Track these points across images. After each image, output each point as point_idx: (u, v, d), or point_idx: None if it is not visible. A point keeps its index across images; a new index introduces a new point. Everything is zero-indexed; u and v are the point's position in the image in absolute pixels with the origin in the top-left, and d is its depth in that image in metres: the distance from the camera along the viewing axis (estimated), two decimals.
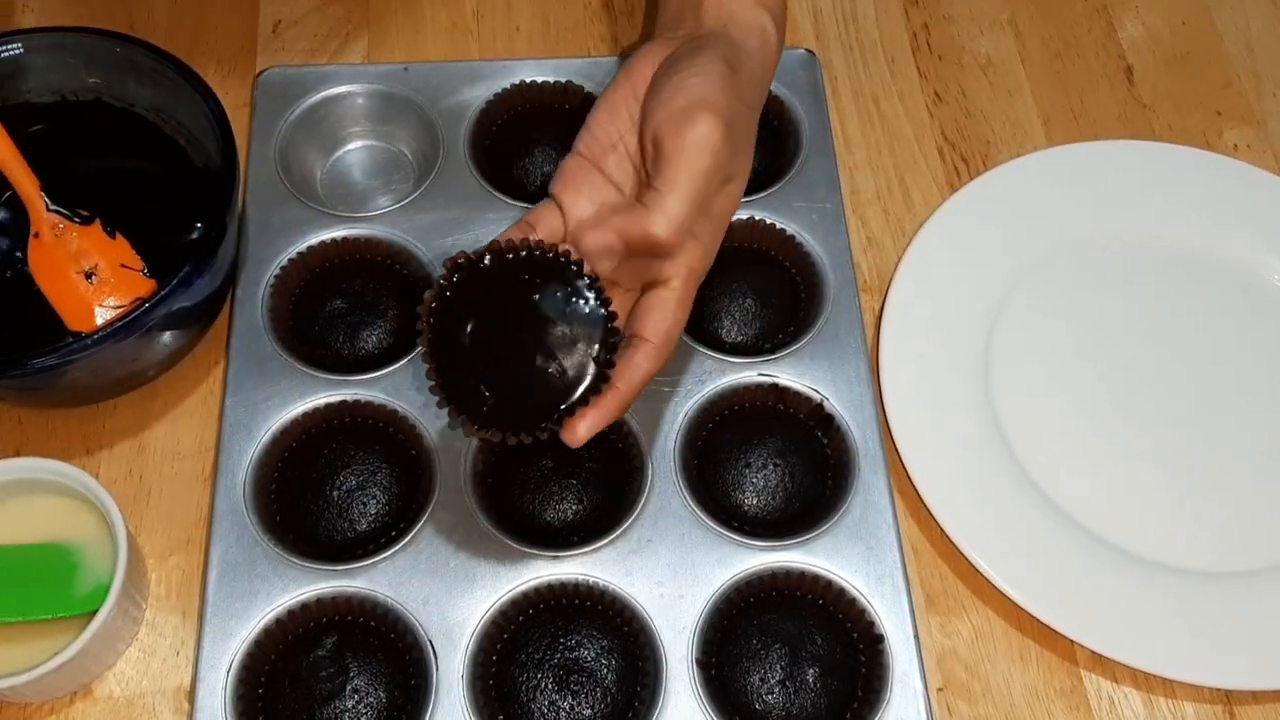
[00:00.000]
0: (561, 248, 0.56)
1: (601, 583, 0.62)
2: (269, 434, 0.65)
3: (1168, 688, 0.63)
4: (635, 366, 0.57)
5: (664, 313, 0.57)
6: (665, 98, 0.57)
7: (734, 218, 0.72)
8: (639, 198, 0.57)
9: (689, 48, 0.60)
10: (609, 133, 0.60)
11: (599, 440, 0.66)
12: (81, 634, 0.56)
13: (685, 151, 0.55)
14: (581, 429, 0.56)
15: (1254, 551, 0.66)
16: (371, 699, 0.59)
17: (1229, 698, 0.63)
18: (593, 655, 0.61)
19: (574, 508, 0.65)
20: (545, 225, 0.59)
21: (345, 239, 0.72)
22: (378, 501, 0.65)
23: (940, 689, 0.63)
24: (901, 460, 0.66)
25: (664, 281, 0.58)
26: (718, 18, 0.61)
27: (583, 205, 0.59)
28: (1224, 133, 0.81)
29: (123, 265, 0.67)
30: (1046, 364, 0.71)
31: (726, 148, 0.56)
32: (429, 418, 0.66)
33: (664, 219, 0.55)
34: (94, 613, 0.57)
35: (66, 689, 0.60)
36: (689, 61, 0.58)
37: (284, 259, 0.70)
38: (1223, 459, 0.69)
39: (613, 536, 0.63)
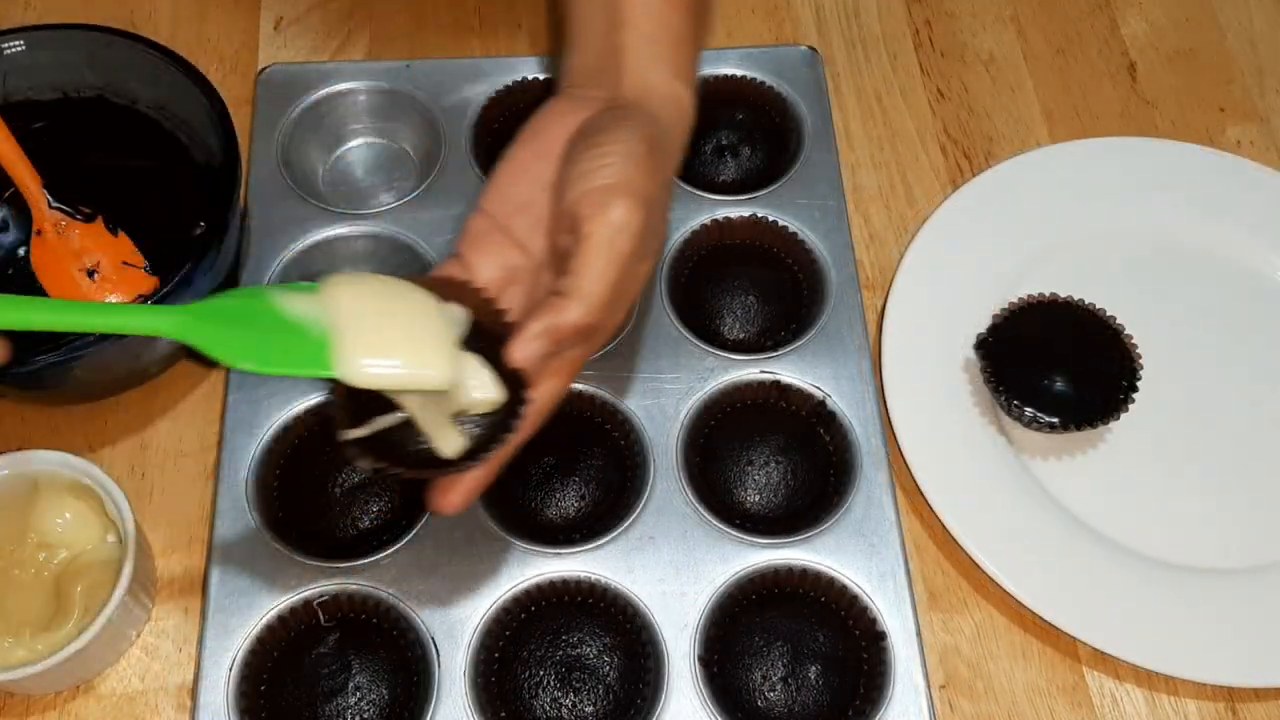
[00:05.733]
0: None
1: (603, 580, 0.62)
2: (271, 431, 0.65)
3: (1170, 685, 0.63)
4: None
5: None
6: (585, 172, 0.54)
7: (736, 214, 0.72)
8: (557, 282, 0.54)
9: (610, 118, 0.56)
10: (518, 193, 0.58)
11: (601, 436, 0.67)
12: (91, 625, 0.56)
13: (605, 235, 0.53)
14: None
15: (1257, 548, 0.66)
16: (374, 696, 0.59)
17: (1231, 695, 0.63)
18: (595, 652, 0.61)
19: (576, 505, 0.65)
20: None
21: (347, 236, 0.72)
22: (380, 498, 0.64)
23: (942, 686, 0.63)
24: (903, 457, 0.66)
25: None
26: (638, 87, 0.58)
27: (489, 267, 0.57)
28: (1227, 129, 0.81)
29: (125, 263, 0.67)
30: None
31: (645, 231, 0.54)
32: None
33: (584, 306, 0.53)
34: None
35: (70, 682, 0.61)
36: (610, 135, 0.55)
37: (286, 256, 0.70)
38: (1225, 456, 0.69)
39: (614, 534, 0.63)
